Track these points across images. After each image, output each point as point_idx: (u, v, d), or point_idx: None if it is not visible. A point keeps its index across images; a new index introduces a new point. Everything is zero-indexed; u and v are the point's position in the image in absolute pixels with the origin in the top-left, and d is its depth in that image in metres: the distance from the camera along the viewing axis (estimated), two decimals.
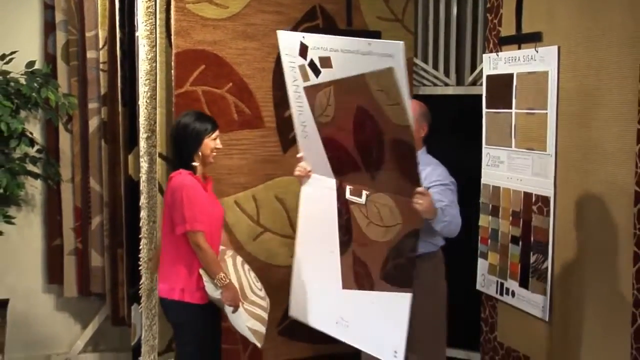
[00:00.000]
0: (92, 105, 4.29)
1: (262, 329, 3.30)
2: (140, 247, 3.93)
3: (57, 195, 4.40)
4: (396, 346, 3.13)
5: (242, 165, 3.87)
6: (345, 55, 2.96)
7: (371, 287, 3.19)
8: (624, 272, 3.07)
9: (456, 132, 4.40)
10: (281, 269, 3.93)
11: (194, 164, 3.30)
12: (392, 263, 3.15)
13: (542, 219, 3.61)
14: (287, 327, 4.01)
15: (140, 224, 3.91)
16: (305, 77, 3.16)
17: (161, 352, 3.91)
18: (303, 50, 3.10)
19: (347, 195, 3.19)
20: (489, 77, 4.02)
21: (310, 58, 3.08)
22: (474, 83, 4.35)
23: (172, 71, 3.68)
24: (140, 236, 3.93)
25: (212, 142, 3.34)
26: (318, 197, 3.40)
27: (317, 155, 3.36)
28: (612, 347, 3.17)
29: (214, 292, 3.20)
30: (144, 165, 3.88)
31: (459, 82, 4.46)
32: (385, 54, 2.80)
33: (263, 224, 3.94)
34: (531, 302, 3.72)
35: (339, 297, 3.33)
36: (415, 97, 4.37)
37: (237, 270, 3.32)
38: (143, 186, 3.89)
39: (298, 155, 3.48)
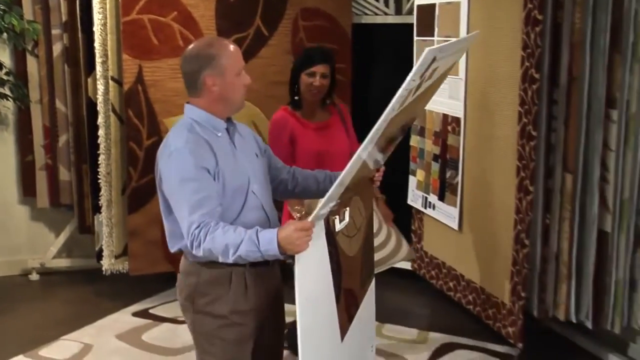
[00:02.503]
0: (55, 32, 4.61)
1: None
2: (99, 162, 4.34)
3: (27, 115, 4.78)
4: (371, 339, 2.86)
5: None
6: (447, 59, 2.37)
7: (357, 308, 2.53)
8: (511, 183, 3.45)
9: (395, 59, 4.72)
10: None
11: (295, 98, 3.28)
12: (365, 262, 2.63)
13: (455, 138, 3.98)
14: None
15: (99, 141, 4.32)
16: (403, 103, 2.12)
17: (118, 255, 4.39)
18: (429, 66, 2.11)
19: (337, 227, 2.28)
20: (418, 6, 4.32)
21: (426, 74, 2.16)
22: (411, 12, 4.62)
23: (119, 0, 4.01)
24: (98, 152, 4.34)
25: (307, 78, 3.20)
26: (314, 262, 2.18)
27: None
28: (501, 250, 3.58)
29: None
30: (100, 87, 4.25)
31: (398, 11, 4.74)
32: (468, 46, 2.72)
33: None
34: (446, 214, 4.12)
35: (337, 356, 2.40)
36: (356, 26, 4.70)
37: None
38: (100, 107, 4.27)
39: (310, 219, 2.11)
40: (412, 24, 4.43)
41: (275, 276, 2.44)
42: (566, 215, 3.23)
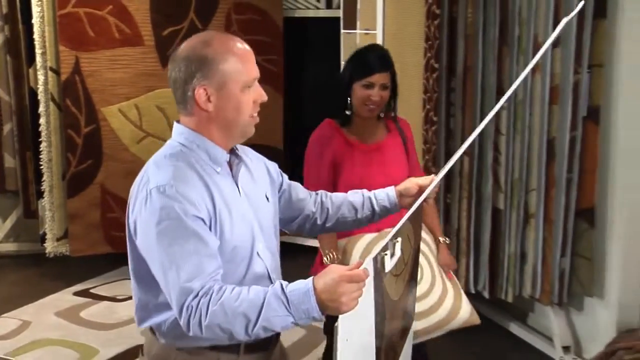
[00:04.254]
0: None
1: None
2: (41, 149, 4.55)
3: None
4: None
5: (124, 78, 4.44)
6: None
7: None
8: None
9: (326, 52, 4.96)
10: None
11: (346, 112, 2.61)
12: (406, 304, 2.07)
13: None
14: None
15: (40, 129, 4.52)
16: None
17: (59, 238, 4.60)
18: None
19: (388, 266, 1.68)
20: (344, 0, 4.57)
21: None
22: (339, 7, 4.87)
23: None
24: (40, 140, 4.54)
25: (362, 90, 2.55)
26: (358, 321, 1.58)
27: None
28: None
29: None
30: (40, 77, 4.45)
31: (328, 5, 4.99)
32: None
33: (145, 129, 4.54)
34: None
35: None
36: (288, 20, 4.93)
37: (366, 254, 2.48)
38: (41, 96, 4.48)
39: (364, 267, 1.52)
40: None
41: None
42: (464, 195, 3.50)
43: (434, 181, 1.82)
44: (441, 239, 2.75)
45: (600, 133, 3.14)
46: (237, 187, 1.72)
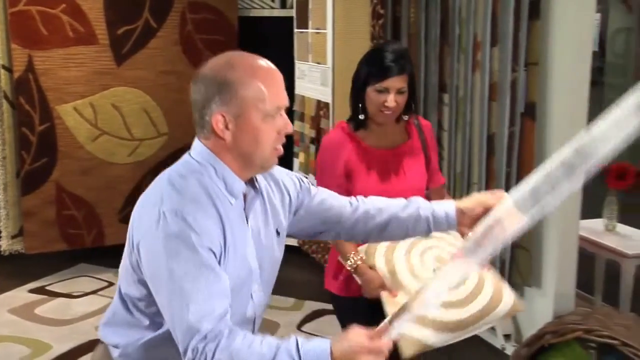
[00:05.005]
0: None
1: (416, 332, 2.14)
2: None
3: None
4: None
5: (79, 77, 4.47)
6: None
7: None
8: None
9: (280, 51, 5.04)
10: (118, 165, 4.62)
11: (360, 116, 2.36)
12: None
13: (325, 122, 4.34)
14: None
15: None
16: None
17: (14, 235, 4.62)
18: None
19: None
20: (297, 0, 4.66)
21: None
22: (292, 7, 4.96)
23: None
24: None
25: (376, 95, 2.29)
26: None
27: None
28: None
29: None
30: None
31: (283, 5, 5.08)
32: None
33: (101, 127, 4.58)
34: None
35: None
36: (243, 19, 5.00)
37: (390, 256, 2.30)
38: None
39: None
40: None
41: None
42: None
43: (502, 199, 1.58)
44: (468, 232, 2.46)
45: (536, 128, 3.27)
46: (247, 223, 1.61)
